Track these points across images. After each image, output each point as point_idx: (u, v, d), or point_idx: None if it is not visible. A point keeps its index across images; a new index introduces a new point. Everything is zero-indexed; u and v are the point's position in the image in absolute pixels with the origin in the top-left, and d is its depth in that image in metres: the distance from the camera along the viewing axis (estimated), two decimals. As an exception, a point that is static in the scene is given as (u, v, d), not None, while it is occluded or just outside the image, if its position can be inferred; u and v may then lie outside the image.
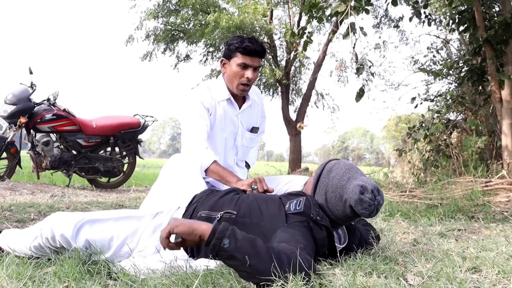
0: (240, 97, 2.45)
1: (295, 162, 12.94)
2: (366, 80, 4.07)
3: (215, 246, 1.32)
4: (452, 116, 6.13)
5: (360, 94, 3.98)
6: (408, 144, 6.15)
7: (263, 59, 2.54)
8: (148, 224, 1.79)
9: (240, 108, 2.45)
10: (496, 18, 4.96)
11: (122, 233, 1.75)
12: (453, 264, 1.60)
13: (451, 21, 5.72)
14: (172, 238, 1.40)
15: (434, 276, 1.46)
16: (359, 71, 3.86)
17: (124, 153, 5.84)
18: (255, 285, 1.35)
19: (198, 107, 2.31)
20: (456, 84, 6.55)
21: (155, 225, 1.78)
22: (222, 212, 1.71)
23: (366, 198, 1.66)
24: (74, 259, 1.63)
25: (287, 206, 1.71)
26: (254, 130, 2.53)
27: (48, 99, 5.47)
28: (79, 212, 1.83)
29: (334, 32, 11.53)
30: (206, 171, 2.20)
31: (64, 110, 5.44)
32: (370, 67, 4.00)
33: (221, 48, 12.84)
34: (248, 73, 2.31)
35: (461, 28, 5.48)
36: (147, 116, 5.95)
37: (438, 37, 8.38)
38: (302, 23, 12.45)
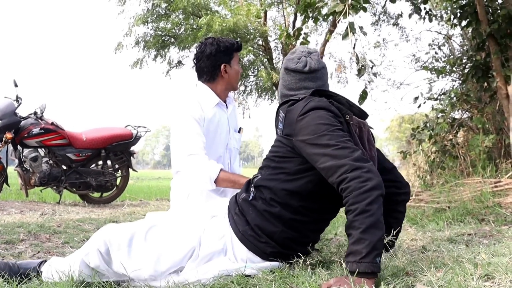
0: (223, 100, 2.50)
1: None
2: (368, 81, 3.96)
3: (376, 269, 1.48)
4: (457, 114, 6.13)
5: (363, 96, 3.95)
6: (412, 146, 6.14)
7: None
8: (207, 227, 1.82)
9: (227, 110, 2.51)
10: (499, 11, 4.93)
11: (190, 242, 1.76)
12: (464, 272, 1.58)
13: (452, 16, 5.70)
14: None
15: (445, 286, 1.45)
16: (360, 72, 3.77)
17: (117, 166, 5.72)
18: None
19: (190, 121, 2.30)
20: (460, 81, 6.56)
21: (213, 228, 1.82)
22: (252, 186, 1.81)
23: (293, 55, 1.88)
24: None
25: (278, 130, 1.84)
26: (239, 130, 2.59)
27: (35, 113, 5.36)
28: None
29: (331, 32, 11.39)
30: (216, 181, 2.23)
31: (52, 123, 5.32)
32: (372, 67, 3.90)
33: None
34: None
35: (463, 23, 5.44)
36: (139, 126, 5.85)
37: (440, 33, 8.38)
38: (298, 24, 12.33)
